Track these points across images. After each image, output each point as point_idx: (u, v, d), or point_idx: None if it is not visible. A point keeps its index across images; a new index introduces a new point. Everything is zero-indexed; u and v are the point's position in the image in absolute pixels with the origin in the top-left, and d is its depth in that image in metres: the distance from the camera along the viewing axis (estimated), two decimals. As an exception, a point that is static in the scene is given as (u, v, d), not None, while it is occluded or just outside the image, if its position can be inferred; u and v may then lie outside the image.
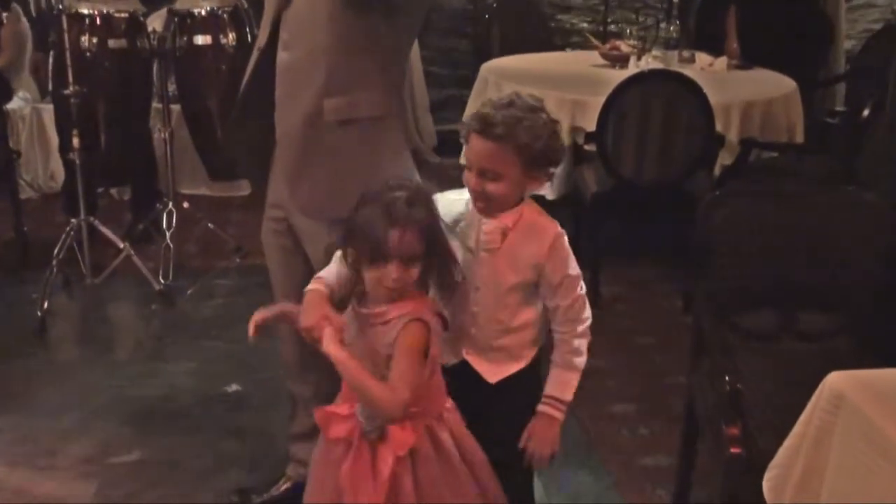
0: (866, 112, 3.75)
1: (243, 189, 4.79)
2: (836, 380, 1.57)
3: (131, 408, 2.93)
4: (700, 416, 2.27)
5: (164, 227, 3.94)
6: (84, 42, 3.67)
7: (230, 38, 3.81)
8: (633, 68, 4.06)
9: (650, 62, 4.21)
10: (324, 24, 1.97)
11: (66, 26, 3.50)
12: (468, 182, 1.76)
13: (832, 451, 1.54)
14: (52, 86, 4.04)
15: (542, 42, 5.09)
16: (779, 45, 4.55)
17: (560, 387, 1.83)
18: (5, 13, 4.51)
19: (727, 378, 1.99)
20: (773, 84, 4.15)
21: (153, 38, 3.84)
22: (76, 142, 3.55)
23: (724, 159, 3.79)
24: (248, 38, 3.82)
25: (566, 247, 1.79)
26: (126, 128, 3.93)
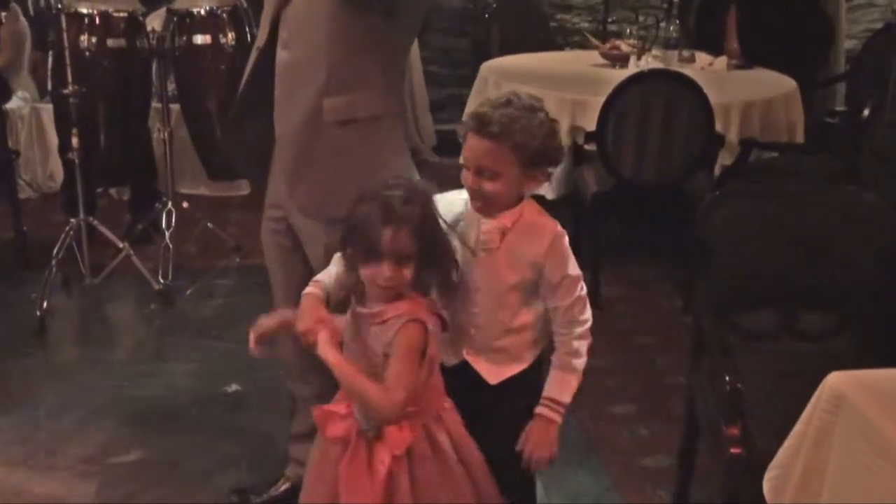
0: (866, 112, 3.75)
1: (243, 189, 4.78)
2: (836, 380, 1.57)
3: (131, 408, 2.93)
4: (700, 417, 2.27)
5: (164, 226, 3.93)
6: (83, 41, 3.66)
7: (229, 37, 3.80)
8: (633, 68, 4.06)
9: (650, 62, 4.22)
10: (323, 24, 1.97)
11: (65, 26, 3.49)
12: (465, 181, 1.75)
13: (832, 451, 1.54)
14: (51, 85, 4.03)
15: (542, 42, 5.09)
16: (779, 45, 4.54)
17: (558, 388, 1.81)
18: (4, 12, 4.50)
19: (727, 378, 1.99)
20: (773, 84, 4.14)
21: (152, 37, 3.83)
22: (75, 141, 3.54)
23: (724, 159, 3.79)
24: (248, 37, 3.81)
25: (566, 247, 1.78)
26: (125, 127, 3.92)
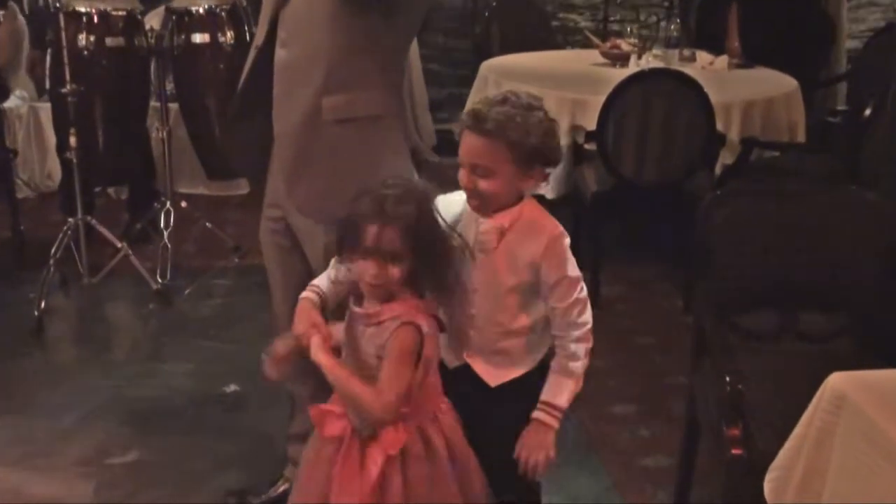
0: (868, 111, 3.75)
1: (241, 188, 4.77)
2: (837, 380, 1.56)
3: (129, 408, 2.92)
4: (700, 417, 2.26)
5: (162, 226, 3.92)
6: (81, 40, 3.64)
7: (228, 36, 3.78)
8: (634, 67, 4.05)
9: (651, 61, 4.21)
10: (322, 23, 1.96)
11: (63, 24, 3.48)
12: (461, 179, 1.73)
13: (834, 452, 1.54)
14: (49, 84, 4.03)
15: (542, 41, 5.08)
16: (780, 44, 4.54)
17: (554, 392, 1.77)
18: (2, 11, 4.49)
19: (728, 379, 1.98)
20: (774, 83, 4.13)
21: (151, 36, 3.82)
22: (73, 141, 3.53)
23: (725, 158, 3.78)
24: (247, 36, 3.80)
25: (565, 248, 1.75)
26: (124, 127, 3.90)
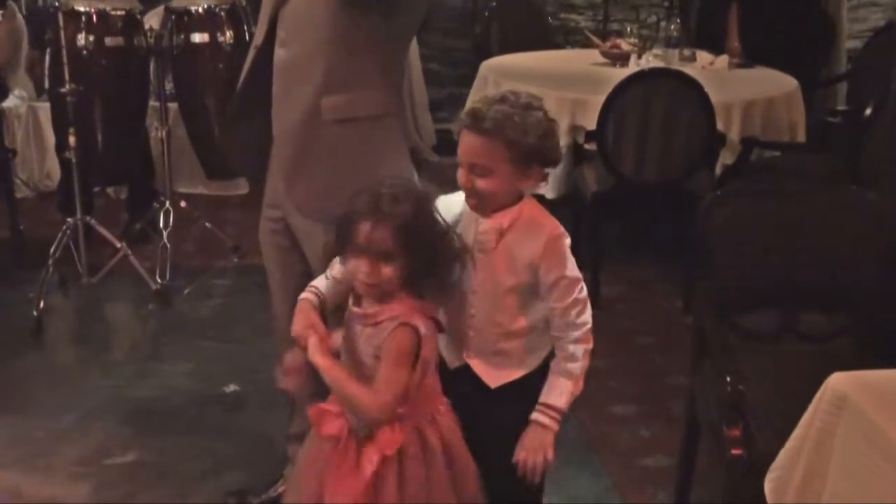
0: (868, 111, 3.75)
1: (241, 188, 4.76)
2: (838, 381, 1.56)
3: (128, 408, 2.91)
4: (701, 417, 2.26)
5: (161, 226, 3.91)
6: (80, 40, 3.63)
7: (228, 35, 3.78)
8: (634, 67, 4.05)
9: (651, 61, 4.20)
10: (322, 23, 1.95)
11: (62, 24, 3.47)
12: (459, 178, 1.72)
13: (834, 452, 1.53)
14: (48, 84, 4.02)
15: (542, 40, 5.07)
16: (780, 44, 4.53)
17: (553, 393, 1.75)
18: (1, 10, 4.48)
19: (728, 379, 1.98)
20: (774, 83, 4.13)
21: (150, 35, 3.81)
22: (72, 140, 3.53)
23: (726, 158, 3.77)
24: (246, 35, 3.79)
25: (564, 248, 1.74)
26: (123, 126, 3.89)
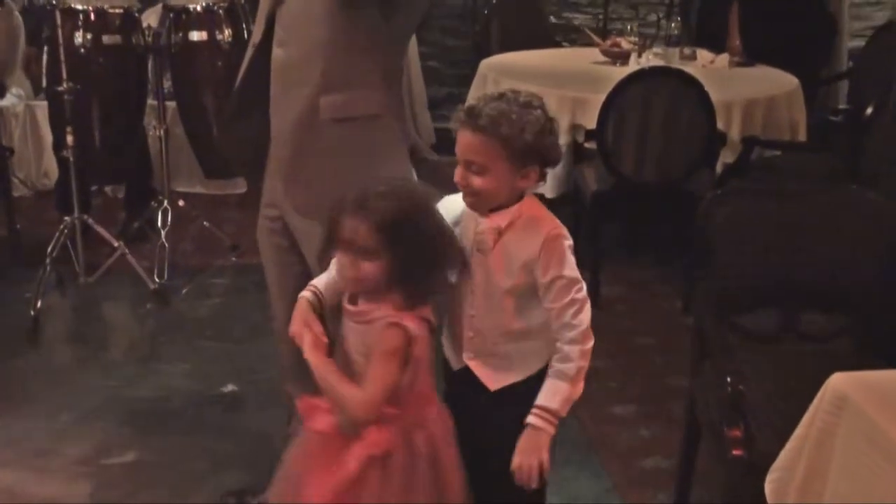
0: (869, 110, 3.74)
1: (239, 187, 4.75)
2: (838, 381, 1.56)
3: (126, 408, 2.91)
4: (701, 418, 2.25)
5: (159, 225, 3.90)
6: (78, 38, 3.61)
7: (226, 34, 3.76)
8: (634, 65, 4.04)
9: (651, 59, 4.19)
10: (320, 21, 1.95)
11: (59, 22, 3.46)
12: (456, 176, 1.71)
13: (835, 452, 1.53)
14: (45, 82, 4.00)
15: (542, 39, 5.06)
16: (781, 43, 4.52)
17: (548, 396, 1.71)
18: (-1, 9, 4.47)
19: (728, 379, 1.97)
20: (775, 81, 4.12)
21: (148, 34, 3.80)
22: (70, 139, 3.52)
23: (726, 157, 3.77)
24: (244, 34, 3.78)
25: (562, 247, 1.70)
26: (120, 125, 3.89)
